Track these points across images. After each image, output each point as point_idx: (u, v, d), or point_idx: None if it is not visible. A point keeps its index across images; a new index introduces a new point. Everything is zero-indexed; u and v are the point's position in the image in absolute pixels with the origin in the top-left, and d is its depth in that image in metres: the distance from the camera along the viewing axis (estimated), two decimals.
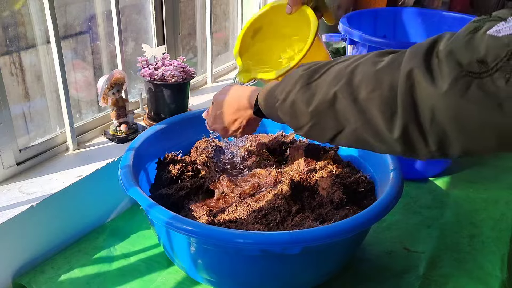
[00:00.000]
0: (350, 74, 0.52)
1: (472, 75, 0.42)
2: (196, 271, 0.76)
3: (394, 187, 0.75)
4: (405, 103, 0.46)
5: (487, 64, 0.41)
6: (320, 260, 0.74)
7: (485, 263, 0.87)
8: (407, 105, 0.46)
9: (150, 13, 1.15)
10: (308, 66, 0.59)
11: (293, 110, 0.59)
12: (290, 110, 0.59)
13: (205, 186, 0.86)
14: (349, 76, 0.52)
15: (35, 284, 0.80)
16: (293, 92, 0.58)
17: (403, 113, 0.47)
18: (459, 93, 0.42)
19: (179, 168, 0.88)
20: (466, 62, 0.42)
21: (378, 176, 0.87)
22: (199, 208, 0.82)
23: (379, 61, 0.51)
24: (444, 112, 0.44)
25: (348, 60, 0.55)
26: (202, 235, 0.66)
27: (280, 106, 0.61)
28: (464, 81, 0.42)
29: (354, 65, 0.53)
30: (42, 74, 0.96)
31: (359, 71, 0.51)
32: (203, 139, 0.97)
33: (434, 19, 1.26)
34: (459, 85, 0.42)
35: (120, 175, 0.78)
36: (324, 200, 0.81)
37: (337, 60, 0.57)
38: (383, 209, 0.71)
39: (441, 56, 0.44)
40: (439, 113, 0.44)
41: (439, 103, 0.44)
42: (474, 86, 0.41)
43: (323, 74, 0.56)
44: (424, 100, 0.45)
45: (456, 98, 0.43)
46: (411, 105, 0.46)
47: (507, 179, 1.15)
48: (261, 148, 0.99)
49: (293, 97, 0.58)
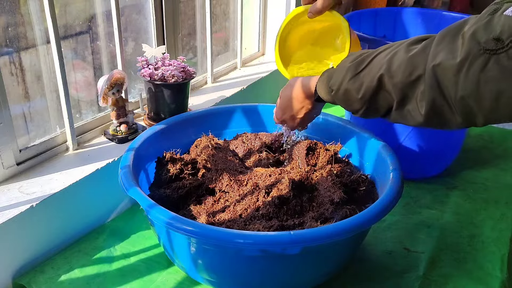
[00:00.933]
0: (389, 61, 0.60)
1: (489, 52, 0.48)
2: (196, 271, 0.76)
3: (394, 187, 0.75)
4: (432, 81, 0.53)
5: (502, 41, 0.46)
6: (320, 260, 0.74)
7: (485, 263, 0.87)
8: (433, 83, 0.53)
9: (150, 13, 1.15)
10: (353, 58, 0.67)
11: (347, 98, 0.68)
12: (344, 98, 0.68)
13: (205, 185, 0.86)
14: (388, 63, 0.59)
15: (35, 284, 0.80)
16: (344, 83, 0.67)
17: (430, 90, 0.54)
18: (478, 69, 0.48)
19: (178, 167, 0.88)
20: (484, 41, 0.48)
21: (378, 176, 0.87)
22: (199, 207, 0.82)
23: (413, 48, 0.58)
24: (466, 87, 0.50)
25: (388, 49, 0.62)
26: (202, 235, 0.66)
27: (336, 96, 0.70)
28: (483, 58, 0.48)
29: (392, 53, 0.60)
30: (42, 74, 0.96)
31: (396, 58, 0.59)
32: (202, 137, 0.96)
33: (434, 19, 1.26)
34: (479, 62, 0.48)
35: (120, 175, 0.78)
36: (324, 199, 0.81)
37: (378, 50, 0.64)
38: (383, 209, 0.71)
39: (466, 37, 0.50)
40: (462, 88, 0.51)
41: (461, 80, 0.50)
42: (492, 62, 0.47)
43: (368, 64, 0.64)
44: (447, 77, 0.51)
45: (476, 74, 0.49)
46: (436, 83, 0.53)
47: (507, 179, 1.15)
48: (262, 147, 0.99)
49: (345, 87, 0.67)
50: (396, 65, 0.58)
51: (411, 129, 1.05)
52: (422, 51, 0.55)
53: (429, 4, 2.26)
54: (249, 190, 0.83)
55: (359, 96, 0.65)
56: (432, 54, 0.53)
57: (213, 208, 0.82)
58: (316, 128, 0.99)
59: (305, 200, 0.82)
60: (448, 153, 1.13)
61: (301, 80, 0.80)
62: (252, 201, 0.80)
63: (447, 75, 0.51)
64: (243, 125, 1.06)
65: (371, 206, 0.71)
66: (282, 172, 0.87)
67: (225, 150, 0.96)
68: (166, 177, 0.88)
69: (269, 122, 1.06)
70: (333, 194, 0.81)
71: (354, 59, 0.66)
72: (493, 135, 1.36)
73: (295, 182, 0.82)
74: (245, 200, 0.81)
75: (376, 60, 0.62)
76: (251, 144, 1.00)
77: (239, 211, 0.79)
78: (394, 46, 0.62)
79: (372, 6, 1.85)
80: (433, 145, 1.08)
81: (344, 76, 0.67)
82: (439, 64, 0.52)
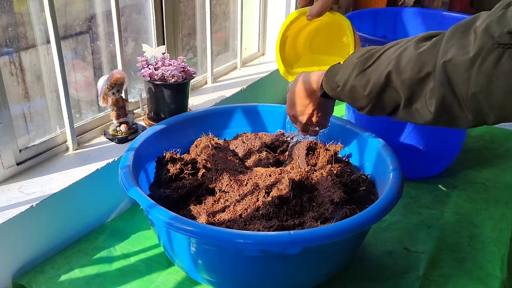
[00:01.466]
0: (397, 58, 0.58)
1: (503, 46, 0.46)
2: (196, 271, 0.76)
3: (394, 187, 0.75)
4: (442, 78, 0.52)
5: None
6: (320, 260, 0.74)
7: (485, 263, 0.87)
8: (443, 80, 0.51)
9: (150, 13, 1.15)
10: (360, 54, 0.65)
11: (353, 95, 0.66)
12: (350, 95, 0.67)
13: (205, 185, 0.86)
14: (397, 60, 0.58)
15: (35, 284, 0.80)
16: (350, 79, 0.65)
17: (440, 87, 0.52)
18: (491, 64, 0.47)
19: (178, 167, 0.88)
20: (497, 34, 0.46)
21: (378, 176, 0.87)
22: (199, 207, 0.82)
23: (422, 45, 0.56)
24: (478, 83, 0.48)
25: (396, 45, 0.61)
26: (202, 236, 0.66)
27: (341, 92, 0.68)
28: (497, 52, 0.46)
29: (401, 50, 0.58)
30: (42, 74, 0.96)
31: (405, 54, 0.57)
32: (202, 137, 0.96)
33: (434, 19, 1.26)
34: (492, 56, 0.47)
35: (120, 175, 0.78)
36: (324, 199, 0.81)
37: (386, 46, 0.63)
38: (383, 209, 0.71)
39: (478, 31, 0.48)
40: (474, 85, 0.49)
41: (473, 75, 0.48)
42: (506, 56, 0.46)
43: (375, 61, 0.62)
44: (459, 73, 0.50)
45: (489, 69, 0.47)
46: (447, 79, 0.51)
47: (507, 179, 1.15)
48: (262, 147, 0.99)
49: (351, 83, 0.65)
50: (405, 62, 0.57)
51: (411, 129, 1.05)
52: (432, 48, 0.54)
53: (429, 4, 2.26)
54: (249, 190, 0.83)
55: (365, 93, 0.63)
56: (442, 50, 0.52)
57: (213, 208, 0.82)
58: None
59: (305, 200, 0.82)
60: (449, 153, 1.13)
61: (308, 75, 0.79)
62: (252, 201, 0.80)
63: (459, 71, 0.50)
64: (243, 125, 1.06)
65: (371, 206, 0.71)
66: (282, 172, 0.87)
67: (225, 150, 0.96)
68: (166, 177, 0.88)
69: (269, 122, 1.06)
70: (333, 194, 0.81)
71: (361, 55, 0.65)
72: (494, 136, 1.36)
73: (295, 182, 0.82)
74: (245, 200, 0.81)
75: (384, 56, 0.61)
76: (251, 144, 1.00)
77: (239, 211, 0.79)
78: (402, 42, 0.60)
79: (372, 6, 1.85)
80: (433, 145, 1.08)
81: (350, 72, 0.65)
82: (450, 60, 0.50)
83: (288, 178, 0.82)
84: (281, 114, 1.05)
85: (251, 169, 0.91)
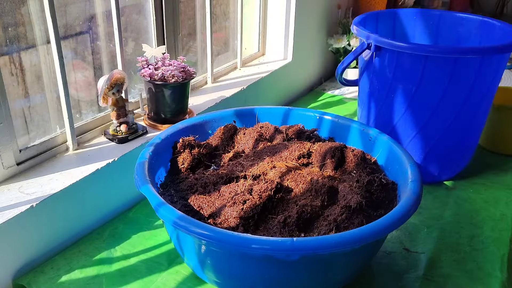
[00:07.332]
0: None
1: None
2: (203, 271, 0.76)
3: (408, 201, 0.72)
4: None
5: None
6: (326, 269, 0.72)
7: (485, 263, 0.87)
8: None
9: (150, 13, 1.15)
10: None
11: None
12: None
13: (226, 177, 0.84)
14: None
15: (35, 284, 0.80)
16: None
17: None
18: None
19: (196, 153, 0.90)
20: None
21: (399, 183, 0.84)
22: (208, 197, 0.79)
23: None
24: None
25: None
26: (215, 240, 0.66)
27: None
28: None
29: None
30: (42, 74, 0.96)
31: None
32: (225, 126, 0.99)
33: (434, 19, 1.26)
34: None
35: (135, 172, 0.79)
36: (342, 203, 0.77)
37: None
38: (393, 223, 0.68)
39: None
40: None
41: None
42: None
43: None
44: None
45: None
46: None
47: (507, 179, 1.15)
48: (285, 140, 0.97)
49: None
50: None
51: (415, 133, 1.04)
52: None
53: (429, 4, 2.26)
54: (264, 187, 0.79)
55: None
56: None
57: (221, 202, 0.78)
58: (334, 131, 1.00)
59: (323, 203, 0.78)
60: (460, 159, 1.12)
61: None
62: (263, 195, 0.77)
63: None
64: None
65: (380, 219, 0.68)
66: (305, 173, 0.84)
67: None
68: (183, 166, 0.90)
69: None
70: (351, 200, 0.77)
71: None
72: None
73: (316, 183, 0.80)
74: (253, 196, 0.77)
75: None
76: (269, 134, 0.99)
77: (252, 210, 0.75)
78: None
79: (372, 6, 1.85)
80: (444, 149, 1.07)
81: None
82: None
83: (310, 178, 0.80)
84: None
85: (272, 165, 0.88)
